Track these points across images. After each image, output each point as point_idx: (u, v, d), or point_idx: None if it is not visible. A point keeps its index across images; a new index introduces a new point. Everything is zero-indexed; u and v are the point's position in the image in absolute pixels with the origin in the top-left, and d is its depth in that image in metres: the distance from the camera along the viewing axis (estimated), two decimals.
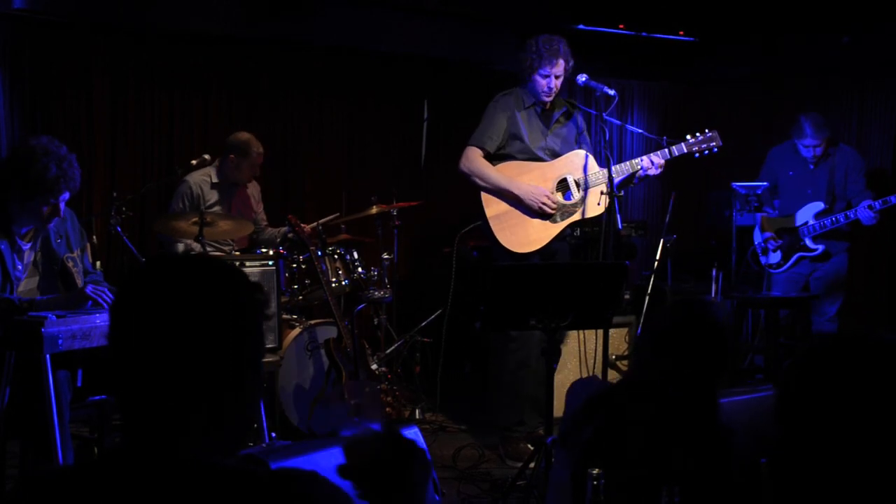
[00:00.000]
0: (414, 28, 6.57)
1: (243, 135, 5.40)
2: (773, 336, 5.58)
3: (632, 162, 4.63)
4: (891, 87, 6.81)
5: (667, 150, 4.63)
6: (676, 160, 4.69)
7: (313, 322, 5.02)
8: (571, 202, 4.65)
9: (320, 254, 4.99)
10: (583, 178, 4.66)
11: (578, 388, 2.88)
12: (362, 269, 5.20)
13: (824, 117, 5.80)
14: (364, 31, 6.39)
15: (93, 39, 5.67)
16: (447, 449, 4.72)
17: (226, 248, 5.35)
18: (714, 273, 5.50)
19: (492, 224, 4.62)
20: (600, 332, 4.71)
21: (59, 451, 3.24)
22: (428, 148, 6.90)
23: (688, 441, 2.31)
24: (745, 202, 5.65)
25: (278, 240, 5.49)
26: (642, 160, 4.60)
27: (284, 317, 4.93)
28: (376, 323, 5.62)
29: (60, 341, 3.23)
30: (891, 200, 5.43)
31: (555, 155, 4.71)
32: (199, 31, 5.92)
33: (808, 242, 5.77)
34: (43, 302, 3.50)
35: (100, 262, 4.85)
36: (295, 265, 5.01)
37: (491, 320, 3.76)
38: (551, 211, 4.59)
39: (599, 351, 4.82)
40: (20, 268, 3.59)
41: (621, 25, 6.87)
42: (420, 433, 2.73)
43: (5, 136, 5.30)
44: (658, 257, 5.14)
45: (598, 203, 4.62)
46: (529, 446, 4.46)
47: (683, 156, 4.68)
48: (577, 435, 2.39)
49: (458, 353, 6.02)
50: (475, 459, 4.59)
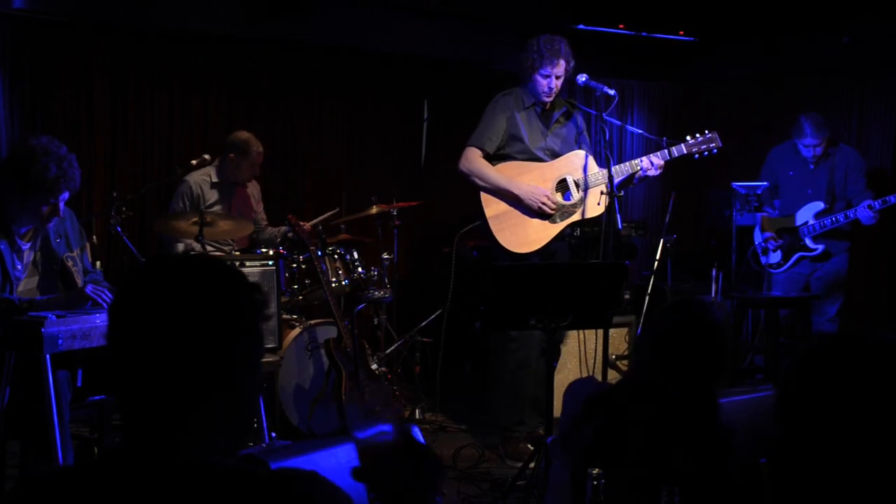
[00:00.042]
0: (414, 28, 6.57)
1: (243, 134, 5.40)
2: (773, 336, 5.58)
3: (631, 162, 4.63)
4: (891, 87, 6.81)
5: (666, 151, 4.63)
6: (676, 161, 4.69)
7: (313, 322, 5.02)
8: (571, 202, 4.65)
9: (320, 254, 4.99)
10: (582, 178, 4.65)
11: (576, 388, 2.88)
12: (362, 269, 5.20)
13: (824, 117, 5.80)
14: (364, 31, 6.39)
15: (93, 39, 5.67)
16: (447, 449, 4.72)
17: (226, 247, 5.35)
18: (714, 273, 5.50)
19: (491, 224, 4.62)
20: (600, 332, 4.71)
21: (59, 451, 3.24)
22: (428, 148, 6.90)
23: (688, 441, 2.31)
24: (745, 202, 5.65)
25: (278, 239, 5.49)
26: (642, 161, 4.60)
27: (284, 317, 4.93)
28: (376, 323, 5.62)
29: (60, 341, 3.23)
30: (890, 200, 5.43)
31: (554, 155, 4.70)
32: (199, 31, 5.92)
33: (808, 242, 5.77)
34: (43, 302, 3.50)
35: (100, 262, 4.86)
36: (295, 265, 5.01)
37: (491, 320, 3.76)
38: (551, 211, 4.59)
39: (599, 351, 4.82)
40: (20, 267, 3.58)
41: (621, 25, 6.87)
42: (420, 433, 2.73)
43: (5, 136, 5.30)
44: (658, 257, 5.15)
45: (598, 203, 4.62)
46: (529, 446, 4.46)
47: (683, 157, 4.68)
48: (577, 435, 2.39)
49: (458, 353, 6.02)
50: (475, 459, 4.59)
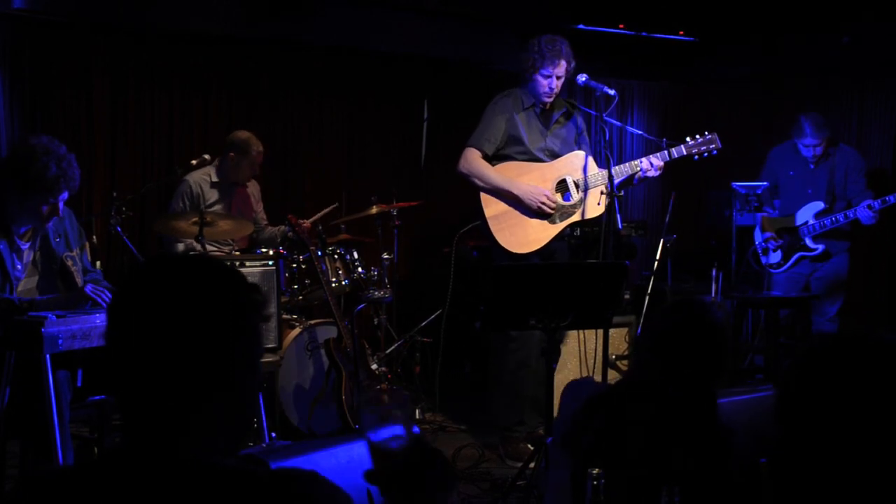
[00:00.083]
0: (414, 28, 6.57)
1: (243, 133, 5.40)
2: (773, 336, 5.58)
3: (631, 163, 4.63)
4: (891, 87, 6.81)
5: (666, 153, 4.63)
6: (676, 161, 4.69)
7: (313, 322, 5.02)
8: (570, 203, 4.65)
9: (320, 254, 4.99)
10: (582, 179, 4.65)
11: (574, 388, 2.88)
12: (362, 269, 5.20)
13: (824, 117, 5.80)
14: (364, 31, 6.39)
15: (93, 39, 5.67)
16: (447, 449, 4.71)
17: (226, 247, 5.35)
18: (714, 273, 5.50)
19: (490, 224, 4.62)
20: (600, 332, 4.71)
21: (59, 451, 3.24)
22: (428, 148, 6.90)
23: (688, 441, 2.31)
24: (745, 202, 5.65)
25: (278, 239, 5.49)
26: (642, 162, 4.60)
27: (284, 317, 4.93)
28: (376, 323, 5.62)
29: (60, 341, 3.23)
30: (890, 200, 5.43)
31: (554, 156, 4.70)
32: (199, 31, 5.92)
33: (808, 242, 5.77)
34: (43, 302, 3.50)
35: (100, 262, 4.85)
36: (295, 265, 5.01)
37: (491, 320, 3.76)
38: (550, 211, 4.58)
39: (599, 351, 4.82)
40: (19, 267, 3.58)
41: (621, 25, 6.87)
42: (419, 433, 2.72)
43: (5, 136, 5.30)
44: (658, 257, 5.14)
45: (598, 203, 4.62)
46: (529, 446, 4.46)
47: (683, 158, 4.68)
48: (577, 436, 2.39)
49: (457, 353, 6.01)
50: (475, 459, 4.59)
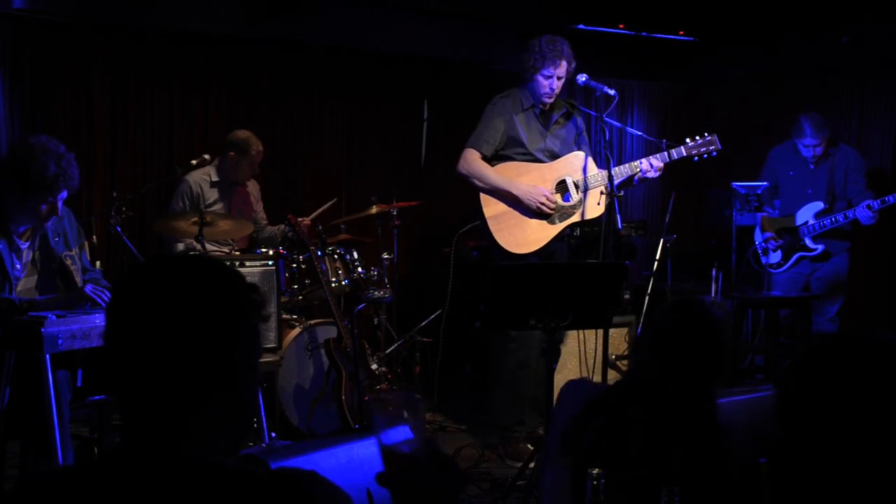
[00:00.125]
0: (414, 28, 6.57)
1: (243, 133, 5.40)
2: (773, 336, 5.58)
3: (631, 164, 4.63)
4: (891, 87, 6.81)
5: (666, 154, 4.63)
6: (676, 162, 4.69)
7: (313, 322, 5.02)
8: (570, 204, 4.65)
9: (320, 254, 4.99)
10: (582, 179, 4.65)
11: (572, 388, 2.88)
12: (362, 269, 5.20)
13: (824, 117, 5.80)
14: (364, 31, 6.39)
15: (93, 39, 5.67)
16: (447, 449, 4.72)
17: (226, 247, 5.35)
18: (714, 273, 5.50)
19: (490, 224, 4.62)
20: (600, 332, 4.70)
21: (59, 451, 3.23)
22: (428, 148, 6.90)
23: (688, 441, 2.31)
24: (745, 202, 5.65)
25: (278, 239, 5.49)
26: (641, 163, 4.60)
27: (284, 317, 4.93)
28: (376, 323, 5.62)
29: (60, 341, 3.22)
30: (889, 200, 5.43)
31: (554, 156, 4.70)
32: (199, 31, 5.92)
33: (808, 242, 5.77)
34: (43, 302, 3.50)
35: (100, 262, 4.85)
36: (295, 265, 5.01)
37: (491, 320, 3.76)
38: (550, 210, 4.58)
39: (599, 351, 4.82)
40: (19, 267, 3.58)
41: (621, 25, 6.87)
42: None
43: (5, 136, 5.30)
44: (658, 257, 5.14)
45: (598, 203, 4.62)
46: (529, 446, 4.46)
47: (682, 159, 4.68)
48: (577, 436, 2.38)
49: (457, 353, 6.01)
50: (475, 459, 4.59)
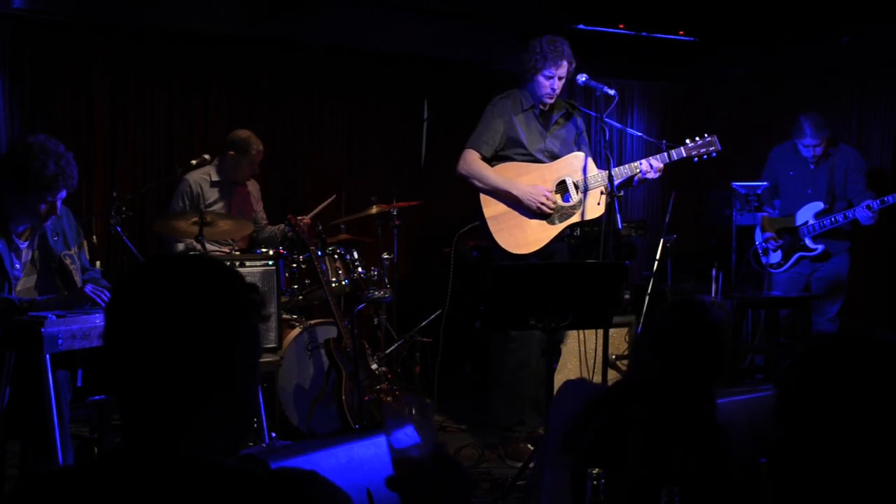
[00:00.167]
0: (414, 28, 6.57)
1: (243, 132, 5.40)
2: (773, 336, 5.58)
3: (631, 165, 4.63)
4: (891, 87, 6.81)
5: (666, 155, 4.63)
6: (675, 163, 4.69)
7: (313, 322, 5.02)
8: (570, 204, 4.65)
9: (320, 253, 4.99)
10: (582, 180, 4.65)
11: (570, 388, 2.88)
12: (362, 268, 5.20)
13: (824, 117, 5.80)
14: (364, 31, 6.39)
15: (93, 39, 5.67)
16: (447, 449, 4.71)
17: (226, 247, 5.35)
18: (714, 273, 5.50)
19: (490, 225, 4.61)
20: (600, 332, 4.71)
21: (59, 451, 3.23)
22: (428, 148, 6.90)
23: (688, 441, 2.31)
24: (745, 202, 5.65)
25: (278, 238, 5.49)
26: (641, 164, 4.60)
27: (284, 317, 4.93)
28: (376, 323, 5.62)
29: (60, 341, 3.22)
30: (888, 200, 5.43)
31: (554, 157, 4.69)
32: (199, 31, 5.92)
33: (808, 242, 5.77)
34: (43, 302, 3.50)
35: (100, 262, 4.85)
36: (295, 265, 5.01)
37: (491, 320, 3.76)
38: (550, 211, 4.58)
39: (599, 351, 4.82)
40: (18, 267, 3.58)
41: (621, 25, 6.87)
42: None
43: (5, 136, 5.30)
44: (658, 257, 5.15)
45: (598, 203, 4.62)
46: (529, 446, 4.46)
47: (682, 160, 4.68)
48: (577, 436, 2.38)
49: (457, 353, 6.01)
50: (475, 459, 4.59)
